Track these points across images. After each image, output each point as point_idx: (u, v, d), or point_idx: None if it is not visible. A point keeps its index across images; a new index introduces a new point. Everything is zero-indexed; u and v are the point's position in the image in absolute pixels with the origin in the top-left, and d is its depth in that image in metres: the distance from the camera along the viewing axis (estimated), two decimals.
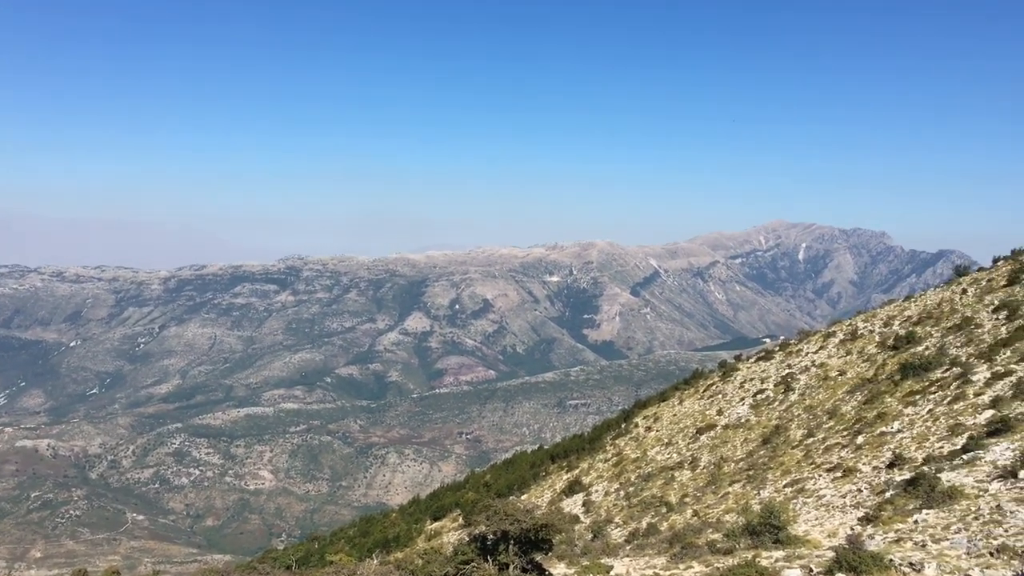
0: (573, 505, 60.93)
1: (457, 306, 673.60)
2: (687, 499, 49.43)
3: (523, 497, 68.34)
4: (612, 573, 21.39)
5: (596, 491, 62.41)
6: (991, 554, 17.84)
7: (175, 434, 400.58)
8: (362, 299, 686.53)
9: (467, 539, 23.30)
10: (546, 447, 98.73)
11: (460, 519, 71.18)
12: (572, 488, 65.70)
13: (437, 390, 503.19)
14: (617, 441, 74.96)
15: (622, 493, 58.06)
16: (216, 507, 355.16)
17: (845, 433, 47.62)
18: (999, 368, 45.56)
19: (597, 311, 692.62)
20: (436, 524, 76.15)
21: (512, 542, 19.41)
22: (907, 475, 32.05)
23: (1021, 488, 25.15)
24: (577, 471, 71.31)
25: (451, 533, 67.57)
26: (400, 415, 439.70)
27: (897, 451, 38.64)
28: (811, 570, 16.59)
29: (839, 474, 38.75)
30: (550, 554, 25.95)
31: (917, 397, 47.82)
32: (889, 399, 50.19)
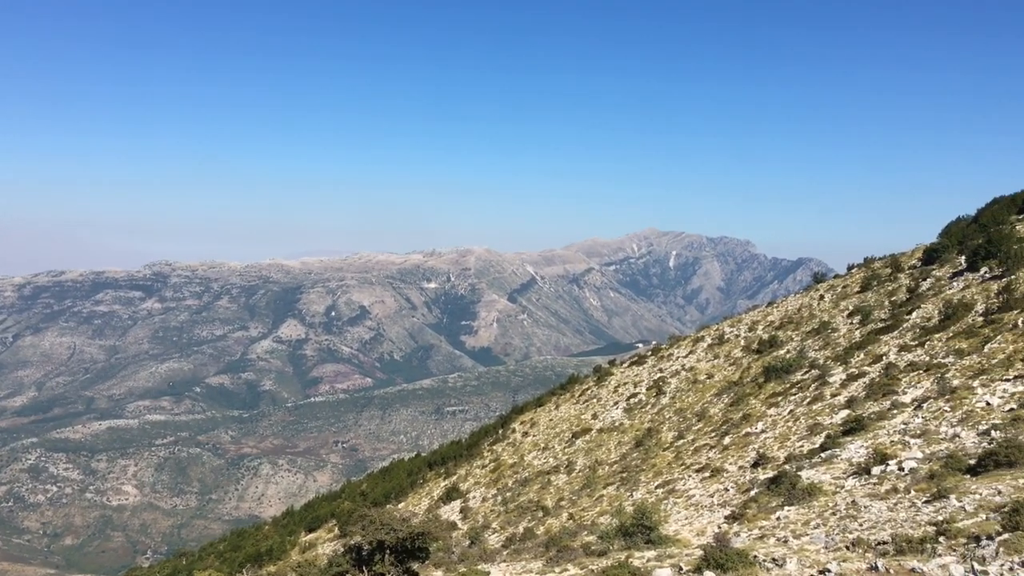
0: (451, 512, 60.79)
1: (333, 313, 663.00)
2: (563, 503, 50.06)
3: (400, 505, 67.74)
4: None
5: (474, 497, 62.46)
6: (847, 548, 18.78)
7: (30, 449, 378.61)
8: (234, 306, 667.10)
9: (342, 550, 22.91)
10: (424, 454, 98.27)
11: (336, 530, 69.95)
12: (450, 495, 65.56)
13: (312, 399, 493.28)
14: (495, 447, 75.26)
15: (499, 498, 58.32)
16: (76, 525, 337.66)
17: (713, 434, 49.29)
18: (853, 370, 48.11)
19: (475, 317, 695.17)
20: (311, 536, 74.57)
21: (388, 551, 19.19)
22: (770, 474, 33.42)
23: (874, 484, 26.58)
24: (455, 478, 71.22)
25: (326, 544, 66.29)
26: (274, 425, 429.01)
27: (761, 451, 40.24)
28: (681, 569, 17.07)
29: (707, 474, 40.03)
30: (427, 562, 25.79)
31: (779, 398, 49.99)
32: (754, 401, 52.27)
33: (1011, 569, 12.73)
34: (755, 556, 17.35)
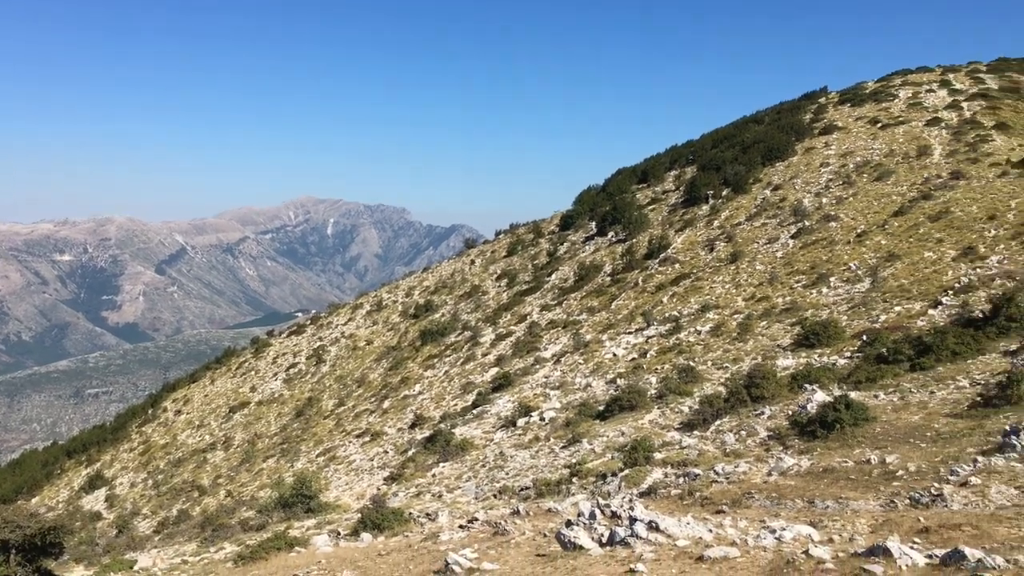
0: (95, 502, 56.20)
1: None
2: (220, 480, 48.31)
3: (34, 500, 61.30)
4: (137, 567, 20.15)
5: (121, 484, 58.23)
6: (494, 496, 20.12)
7: None
8: None
9: None
10: (62, 443, 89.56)
11: None
12: (93, 483, 60.52)
13: None
14: (144, 428, 70.60)
15: (151, 482, 54.94)
16: None
17: (373, 399, 50.15)
18: (502, 330, 51.29)
19: (118, 292, 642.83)
20: None
21: (15, 551, 17.33)
22: (427, 433, 34.73)
23: (520, 435, 28.63)
24: (99, 464, 65.84)
25: None
26: None
27: (419, 412, 41.69)
28: (339, 533, 17.26)
29: (368, 439, 40.70)
30: (65, 558, 23.69)
31: (435, 360, 51.98)
32: (412, 364, 53.87)
33: (630, 500, 14.41)
34: (411, 513, 18.00)
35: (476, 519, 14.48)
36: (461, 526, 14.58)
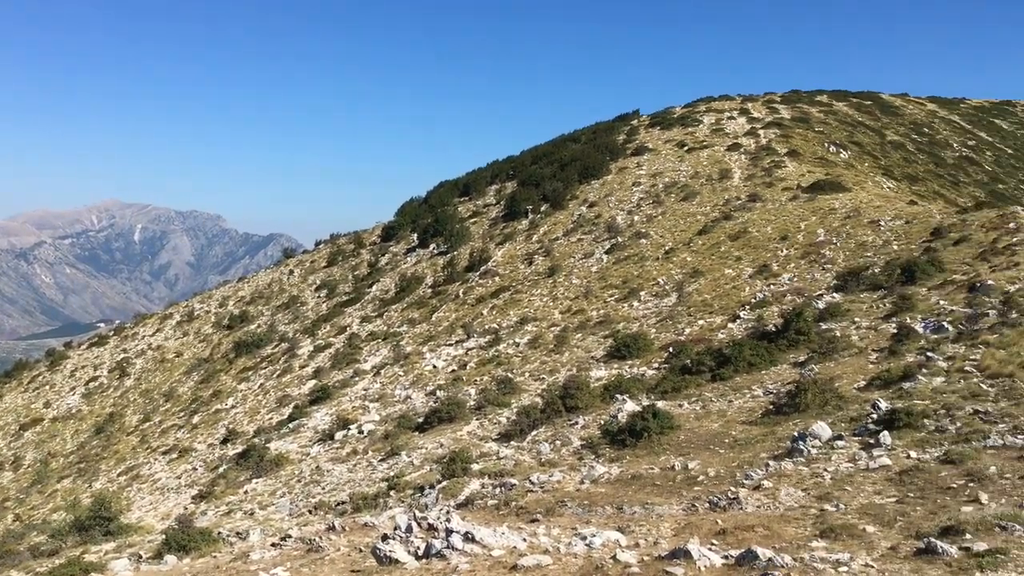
0: None
1: None
2: (8, 503, 44.62)
3: None
4: None
5: None
6: (310, 512, 19.69)
7: None
8: None
9: None
10: None
11: None
12: None
13: None
14: None
15: None
16: None
17: (182, 414, 47.87)
18: (320, 342, 50.29)
19: None
20: None
21: None
22: (240, 448, 33.49)
23: (337, 448, 28.16)
24: None
25: None
26: None
27: (231, 426, 40.14)
28: (140, 557, 16.36)
29: (175, 455, 38.79)
30: None
31: (250, 373, 50.27)
32: (224, 377, 51.85)
33: (447, 512, 14.49)
34: (220, 532, 17.32)
35: (290, 536, 14.13)
36: (273, 544, 14.18)
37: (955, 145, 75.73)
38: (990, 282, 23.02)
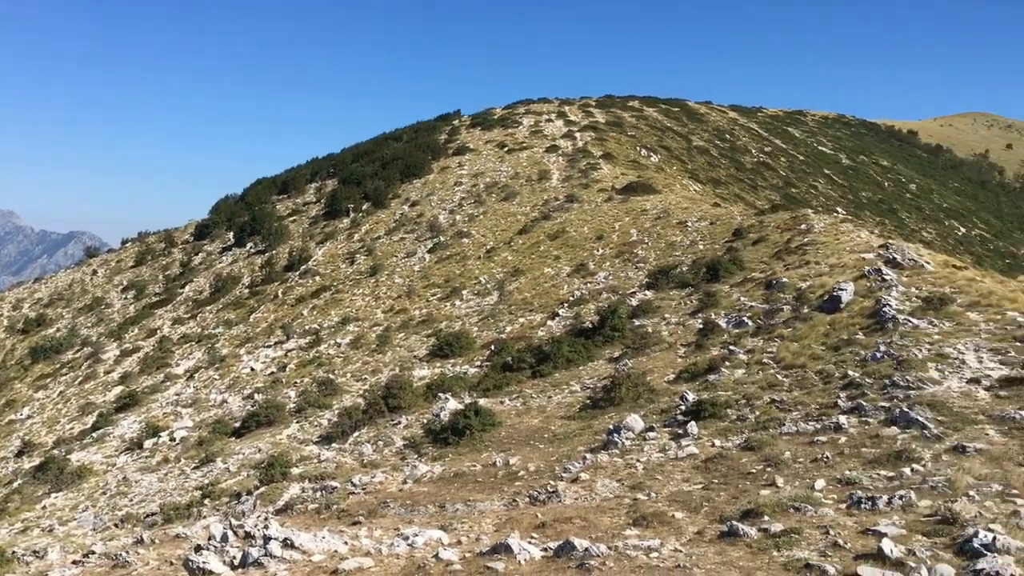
0: None
1: None
2: None
3: None
4: None
5: None
6: (116, 525, 18.60)
7: None
8: None
9: None
10: None
11: None
12: None
13: None
14: None
15: None
16: None
17: None
18: (128, 345, 47.56)
19: None
20: None
21: None
22: (37, 461, 31.18)
23: (147, 457, 26.75)
24: None
25: None
26: None
27: (27, 438, 37.27)
28: None
29: None
30: None
31: (48, 380, 46.88)
32: (19, 385, 48.12)
33: (265, 518, 14.09)
34: (14, 552, 16.09)
35: (93, 552, 13.31)
36: (75, 561, 13.32)
37: (753, 151, 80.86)
38: (784, 279, 24.73)
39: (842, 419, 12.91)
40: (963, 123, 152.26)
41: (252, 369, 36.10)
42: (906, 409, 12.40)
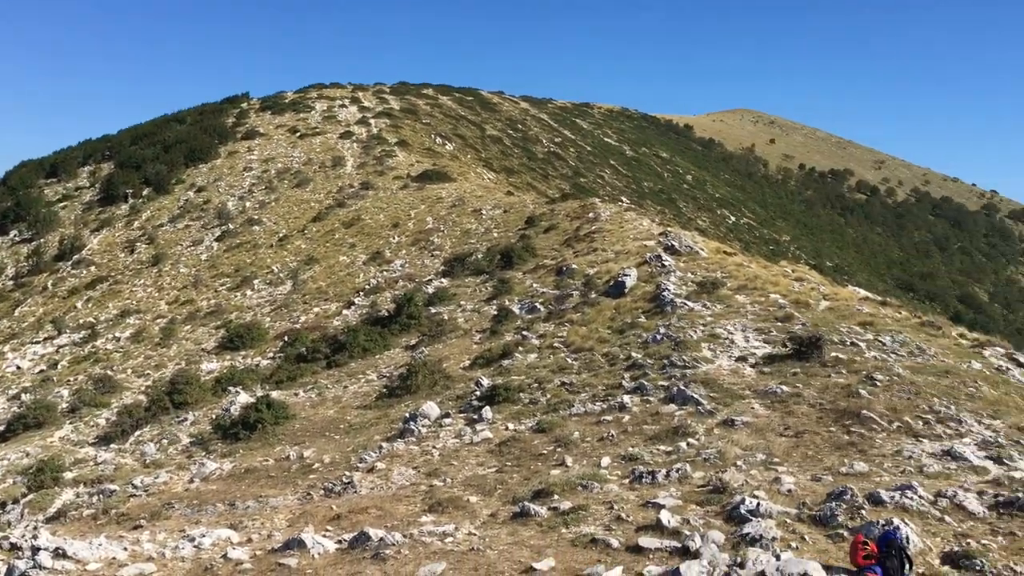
0: None
1: None
2: None
3: None
4: None
5: None
6: None
7: None
8: None
9: None
10: None
11: None
12: None
13: None
14: None
15: None
16: None
17: None
18: None
19: None
20: None
21: None
22: None
23: None
24: None
25: None
26: None
27: None
28: None
29: None
30: None
31: None
32: None
33: (34, 528, 13.07)
34: None
35: None
36: None
37: (544, 141, 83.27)
38: (574, 266, 25.67)
39: (626, 399, 13.59)
40: (733, 119, 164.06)
41: (18, 368, 33.28)
42: (683, 387, 13.22)
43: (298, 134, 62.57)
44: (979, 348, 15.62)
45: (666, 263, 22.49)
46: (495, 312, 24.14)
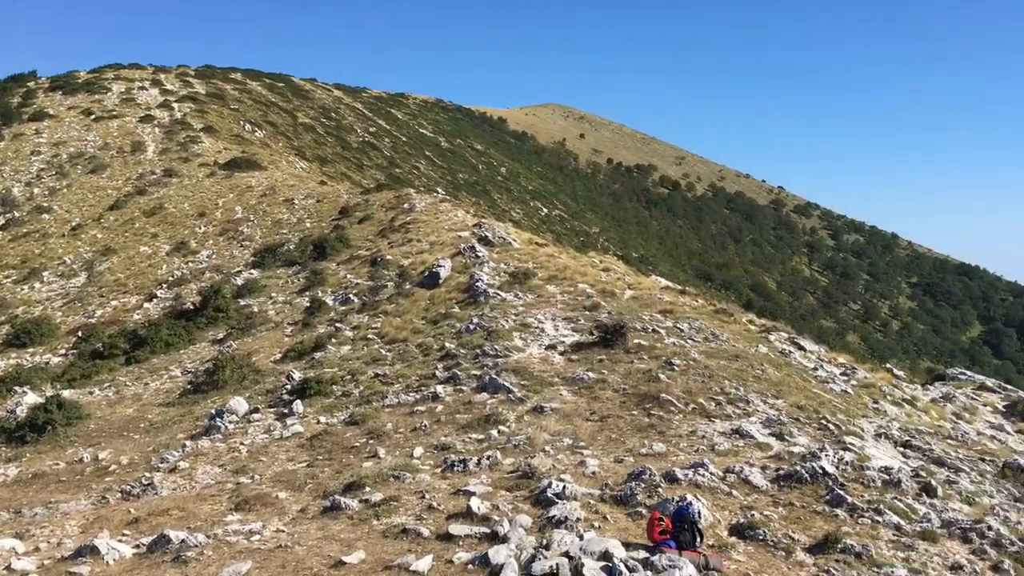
0: None
1: None
2: None
3: None
4: None
5: None
6: None
7: None
8: None
9: None
10: None
11: None
12: None
13: None
14: None
15: None
16: None
17: None
18: None
19: None
20: None
21: None
22: None
23: None
24: None
25: None
26: None
27: None
28: None
29: None
30: None
31: None
32: None
33: None
34: None
35: None
36: None
37: (359, 130, 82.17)
38: (388, 257, 25.53)
39: (439, 389, 13.70)
40: (544, 113, 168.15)
41: None
42: (495, 376, 13.47)
43: (93, 117, 58.61)
44: (766, 333, 16.86)
45: (480, 254, 22.79)
46: (308, 304, 23.67)
